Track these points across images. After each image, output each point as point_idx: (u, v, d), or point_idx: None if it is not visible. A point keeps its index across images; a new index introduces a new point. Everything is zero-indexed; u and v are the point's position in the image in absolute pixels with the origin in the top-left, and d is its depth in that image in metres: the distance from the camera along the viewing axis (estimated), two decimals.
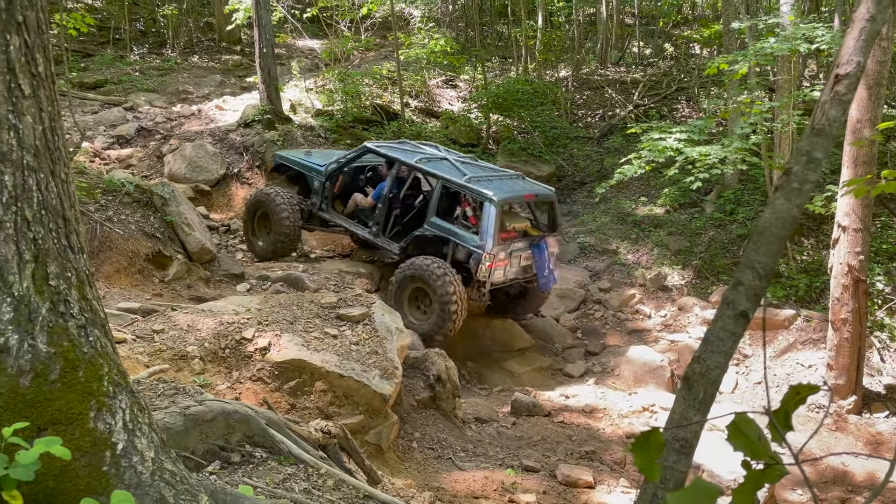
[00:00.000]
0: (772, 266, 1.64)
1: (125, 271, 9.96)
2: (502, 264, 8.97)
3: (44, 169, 1.84)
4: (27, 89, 1.80)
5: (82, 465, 1.80)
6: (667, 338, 10.98)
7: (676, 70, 18.97)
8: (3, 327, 1.74)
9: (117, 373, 1.97)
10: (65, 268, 1.89)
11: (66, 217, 1.90)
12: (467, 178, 9.13)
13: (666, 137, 10.74)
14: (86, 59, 19.62)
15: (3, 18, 1.74)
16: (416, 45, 17.07)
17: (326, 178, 10.43)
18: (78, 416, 1.82)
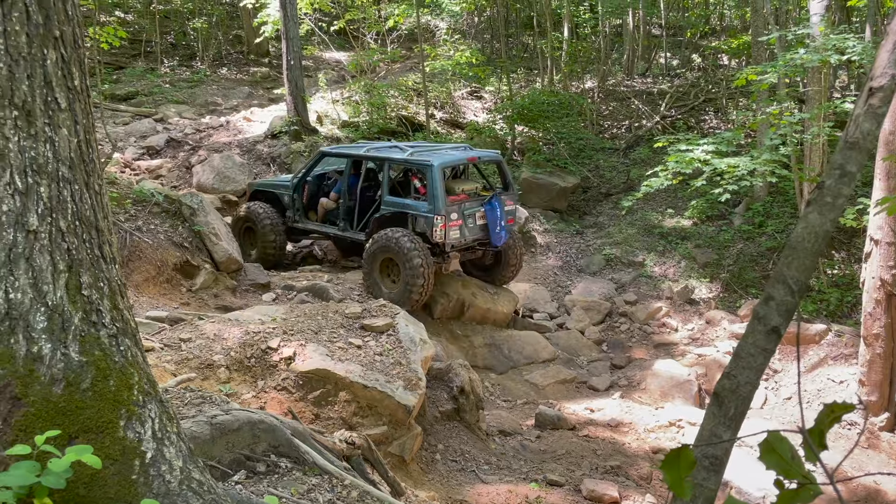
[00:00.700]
0: (804, 281, 1.62)
1: (154, 280, 10.08)
2: (456, 224, 9.44)
3: (78, 180, 1.87)
4: (63, 102, 1.83)
5: (112, 473, 1.81)
6: (694, 352, 10.85)
7: (704, 81, 18.84)
8: (36, 336, 1.77)
9: (147, 382, 1.99)
10: (97, 278, 1.91)
11: (98, 228, 1.93)
12: (409, 153, 9.74)
13: (693, 149, 10.66)
14: (118, 72, 19.97)
15: (40, 33, 1.78)
16: (442, 56, 17.14)
17: (293, 189, 10.93)
18: (108, 425, 1.84)
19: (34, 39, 1.77)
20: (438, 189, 9.20)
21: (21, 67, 1.74)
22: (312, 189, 11.13)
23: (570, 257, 13.71)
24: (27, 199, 1.76)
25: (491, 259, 10.74)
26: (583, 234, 14.40)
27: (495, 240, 9.91)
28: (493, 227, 9.81)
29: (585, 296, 12.45)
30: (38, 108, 1.78)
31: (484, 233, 9.88)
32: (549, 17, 18.17)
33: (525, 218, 13.74)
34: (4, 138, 1.72)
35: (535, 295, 12.39)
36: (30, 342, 1.76)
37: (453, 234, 9.46)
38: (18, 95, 1.74)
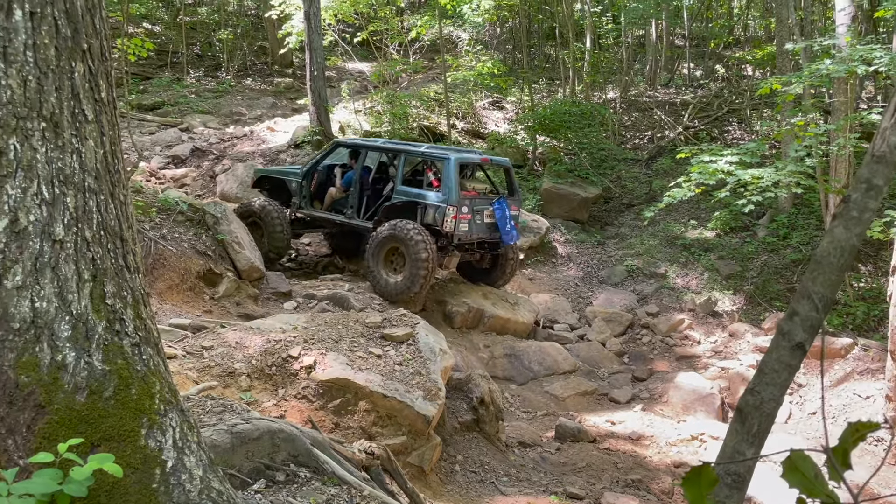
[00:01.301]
0: (830, 296, 1.59)
1: (177, 288, 10.16)
2: (466, 218, 9.68)
3: (104, 191, 1.90)
4: (90, 114, 1.86)
5: (133, 481, 1.83)
6: (717, 365, 10.73)
7: (728, 91, 18.70)
8: (61, 344, 1.79)
9: (168, 391, 2.00)
10: (121, 287, 1.93)
11: (123, 237, 1.96)
12: (425, 147, 10.22)
13: (717, 160, 10.56)
14: (144, 82, 20.27)
15: (69, 46, 1.81)
16: (464, 67, 17.19)
17: (303, 177, 11.13)
18: (130, 434, 1.85)
19: (62, 52, 1.80)
20: (453, 181, 9.46)
21: (49, 80, 1.77)
22: (321, 178, 11.31)
23: (592, 268, 13.64)
24: (54, 209, 1.79)
25: (488, 263, 10.99)
26: (604, 245, 14.32)
27: (506, 238, 10.12)
28: (503, 224, 10.04)
29: (607, 307, 12.37)
30: (66, 120, 1.81)
31: (489, 231, 10.12)
32: (571, 28, 18.16)
33: (546, 228, 13.70)
34: (32, 149, 1.75)
35: (555, 306, 12.33)
36: (54, 350, 1.79)
37: (462, 227, 9.67)
38: (46, 107, 1.77)
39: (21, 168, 1.73)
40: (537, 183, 15.33)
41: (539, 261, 13.51)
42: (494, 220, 10.06)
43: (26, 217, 1.75)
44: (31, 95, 1.73)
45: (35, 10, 1.73)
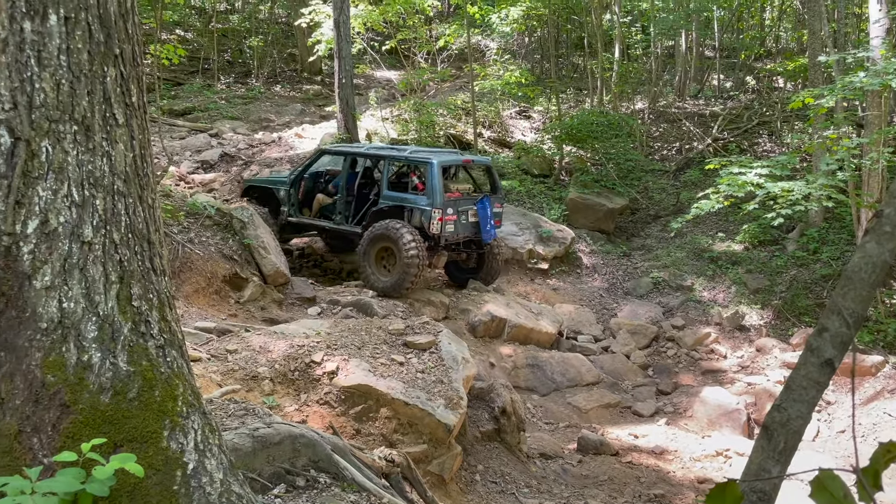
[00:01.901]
0: (861, 313, 1.56)
1: (203, 291, 10.26)
2: (451, 219, 10.03)
3: (132, 194, 1.92)
4: (121, 118, 1.89)
5: (154, 483, 1.84)
6: (743, 380, 10.57)
7: (758, 103, 18.50)
8: (87, 345, 1.81)
9: (191, 393, 2.02)
10: (147, 289, 1.96)
11: (150, 240, 1.98)
12: (408, 152, 10.59)
13: (746, 172, 10.44)
14: (176, 88, 20.55)
15: (101, 51, 1.84)
16: (492, 76, 17.21)
17: (290, 184, 11.38)
18: (152, 435, 1.87)
19: (95, 57, 1.83)
20: (437, 184, 9.78)
21: (82, 84, 1.80)
22: (308, 185, 11.56)
23: (617, 279, 13.54)
24: (83, 211, 1.82)
25: (474, 262, 11.26)
26: (630, 257, 14.21)
27: (486, 237, 10.48)
28: (484, 224, 10.39)
29: (631, 319, 12.26)
30: (97, 124, 1.84)
31: (475, 230, 10.45)
32: (600, 38, 18.11)
33: (571, 238, 13.63)
34: (64, 152, 1.78)
35: (579, 317, 12.25)
36: (80, 351, 1.81)
37: (448, 228, 10.03)
38: (78, 111, 1.80)
39: (52, 170, 1.76)
40: (563, 193, 15.27)
41: (564, 271, 13.44)
42: (477, 219, 10.40)
43: (56, 218, 1.77)
44: (63, 99, 1.76)
45: (69, 15, 1.76)
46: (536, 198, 15.07)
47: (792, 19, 20.49)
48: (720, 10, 18.74)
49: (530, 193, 15.13)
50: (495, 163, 15.73)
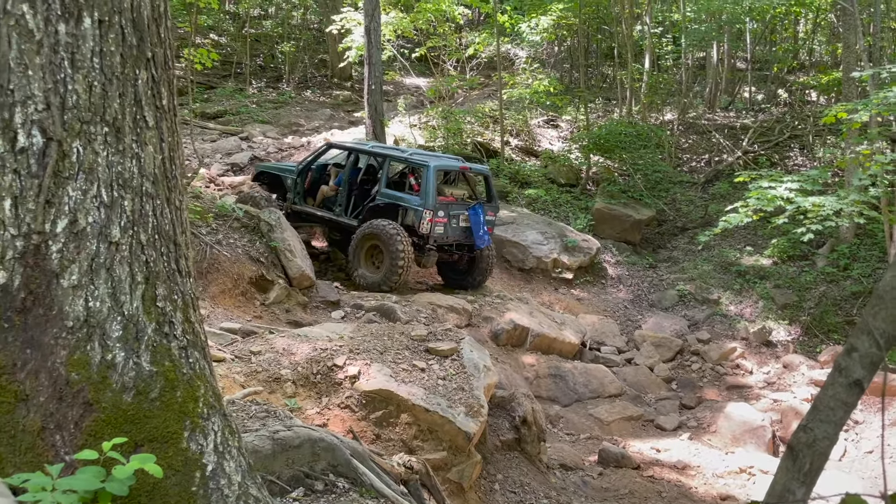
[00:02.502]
0: (892, 333, 1.52)
1: (229, 293, 10.35)
2: (441, 221, 10.43)
3: (160, 196, 1.95)
4: (151, 121, 1.91)
5: (173, 483, 1.85)
6: (769, 396, 10.42)
7: (790, 117, 18.26)
8: (111, 344, 1.83)
9: (213, 395, 2.03)
10: (172, 290, 1.97)
11: (177, 242, 2.00)
12: (409, 153, 10.96)
13: (776, 186, 10.30)
14: (209, 91, 20.81)
15: (134, 54, 1.87)
16: (520, 84, 17.19)
17: (297, 174, 11.83)
18: (173, 435, 1.88)
19: (127, 60, 1.85)
20: (431, 186, 10.19)
21: (114, 86, 1.83)
22: (314, 177, 12.02)
23: (642, 291, 13.43)
24: (112, 211, 1.84)
25: (465, 265, 11.54)
26: (656, 268, 14.08)
27: (478, 242, 10.80)
28: (476, 229, 10.73)
29: (656, 331, 12.14)
30: (128, 126, 1.86)
31: (465, 234, 10.82)
32: (630, 49, 18.01)
33: (597, 249, 13.55)
34: (94, 153, 1.80)
35: (603, 328, 12.16)
36: (105, 350, 1.83)
37: (438, 230, 10.42)
38: (110, 112, 1.82)
39: (83, 171, 1.79)
40: (589, 203, 15.19)
41: (588, 281, 13.36)
42: (468, 224, 10.77)
43: (85, 218, 1.80)
44: (95, 101, 1.79)
45: (104, 19, 1.79)
46: (562, 207, 15.01)
47: (826, 32, 20.23)
48: (753, 21, 18.55)
49: (556, 203, 15.07)
50: (521, 171, 15.73)
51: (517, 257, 13.18)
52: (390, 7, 17.17)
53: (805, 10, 17.68)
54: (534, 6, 17.19)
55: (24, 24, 1.70)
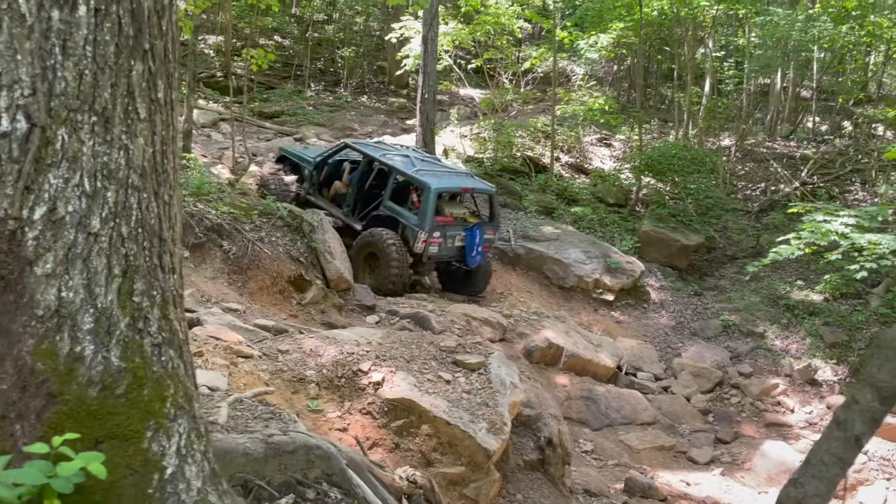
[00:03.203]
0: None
1: (268, 290, 10.46)
2: (436, 242, 10.73)
3: (147, 189, 1.92)
4: (143, 113, 1.89)
5: (129, 483, 1.82)
6: (809, 437, 10.00)
7: (854, 150, 17.64)
8: (81, 336, 1.81)
9: (183, 396, 1.99)
10: (151, 286, 1.95)
11: (162, 237, 1.97)
12: (415, 169, 10.95)
13: (831, 220, 9.92)
14: (268, 91, 21.20)
15: (129, 45, 1.85)
16: (575, 101, 17.02)
17: (314, 167, 12.23)
18: (134, 434, 1.85)
19: (123, 50, 1.84)
20: (429, 209, 10.48)
21: (106, 76, 1.81)
22: (331, 170, 12.32)
23: (685, 318, 13.09)
24: (93, 202, 1.82)
25: (462, 274, 11.78)
26: (701, 296, 13.72)
27: (470, 262, 11.15)
28: (470, 250, 11.02)
29: (696, 361, 11.81)
30: (118, 116, 1.84)
31: (460, 253, 11.11)
32: (690, 71, 17.68)
33: (641, 272, 13.28)
34: (79, 142, 1.79)
35: (641, 353, 11.89)
36: (74, 342, 1.81)
37: (432, 249, 10.76)
38: (99, 102, 1.81)
39: (66, 159, 1.77)
40: (637, 224, 14.90)
41: (629, 304, 13.09)
42: (464, 243, 11.05)
43: (64, 207, 1.78)
44: (85, 89, 1.78)
45: (100, 7, 1.77)
46: (608, 227, 14.77)
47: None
48: (821, 51, 18.01)
49: (602, 222, 14.83)
50: (570, 188, 15.56)
51: (558, 275, 13.01)
52: (450, 18, 17.21)
53: (876, 41, 17.09)
54: (594, 24, 17.03)
55: (16, 8, 1.70)
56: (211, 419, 3.20)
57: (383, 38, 21.79)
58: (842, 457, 1.40)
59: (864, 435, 1.38)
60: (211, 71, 20.36)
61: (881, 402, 1.37)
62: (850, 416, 1.40)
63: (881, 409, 1.37)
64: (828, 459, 1.41)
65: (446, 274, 11.87)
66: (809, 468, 1.41)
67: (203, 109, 17.69)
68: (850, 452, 1.39)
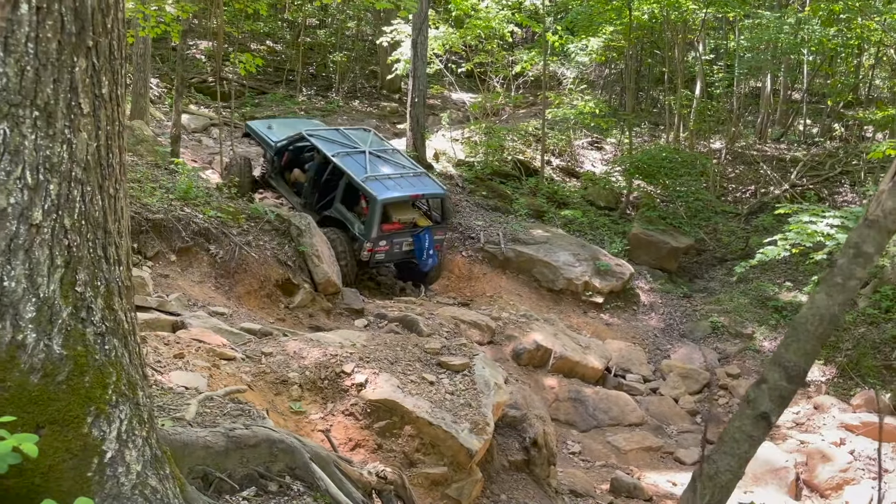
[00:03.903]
0: (804, 367, 1.44)
1: (255, 294, 10.49)
2: (383, 249, 11.12)
3: (91, 182, 1.97)
4: (87, 108, 1.94)
5: (69, 467, 1.86)
6: (796, 437, 10.04)
7: (844, 152, 17.72)
8: (23, 325, 1.86)
9: (126, 383, 2.04)
10: (95, 277, 1.99)
11: (107, 230, 2.02)
12: (365, 176, 11.09)
13: (817, 221, 9.99)
14: (260, 96, 21.25)
15: (72, 42, 1.90)
16: (566, 104, 17.09)
17: (275, 153, 12.53)
18: (74, 420, 1.89)
19: (65, 47, 1.89)
20: (375, 220, 10.78)
21: (48, 72, 1.86)
22: (291, 157, 12.67)
23: (674, 320, 13.14)
24: (35, 194, 1.87)
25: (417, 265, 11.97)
26: (690, 298, 13.78)
27: (422, 265, 11.51)
28: (420, 254, 11.36)
29: (685, 362, 11.85)
30: (61, 111, 1.89)
31: (410, 255, 11.47)
32: (680, 74, 17.76)
33: (630, 274, 13.32)
34: (21, 136, 1.84)
35: (630, 355, 11.93)
36: (16, 330, 1.85)
37: (378, 257, 11.18)
38: (41, 97, 1.86)
39: (8, 152, 1.82)
40: (627, 227, 14.96)
41: (619, 307, 13.13)
42: (412, 248, 11.40)
43: (6, 199, 1.83)
44: (26, 85, 1.82)
45: (41, 6, 1.82)
46: (598, 230, 14.82)
47: (887, 68, 19.63)
48: (811, 54, 18.11)
49: (593, 225, 14.89)
50: (560, 191, 15.60)
51: (547, 277, 13.06)
52: (441, 22, 17.29)
53: (866, 43, 17.18)
54: (584, 27, 17.11)
55: None
56: (178, 415, 3.25)
57: (375, 42, 21.88)
58: (751, 434, 1.44)
59: (773, 412, 1.42)
60: (203, 76, 20.42)
61: (788, 381, 1.41)
62: (759, 395, 1.45)
63: (789, 388, 1.42)
64: (739, 436, 1.46)
65: (399, 265, 12.29)
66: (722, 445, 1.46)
67: (194, 114, 17.75)
68: (759, 430, 1.44)
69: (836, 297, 1.41)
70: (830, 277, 1.44)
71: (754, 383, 1.53)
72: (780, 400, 1.44)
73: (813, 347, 1.44)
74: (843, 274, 1.41)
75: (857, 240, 1.46)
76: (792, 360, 1.43)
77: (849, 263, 1.41)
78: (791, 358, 1.43)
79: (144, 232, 9.17)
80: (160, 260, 9.35)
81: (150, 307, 7.50)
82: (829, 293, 1.42)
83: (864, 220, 1.49)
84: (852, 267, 1.42)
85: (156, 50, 18.30)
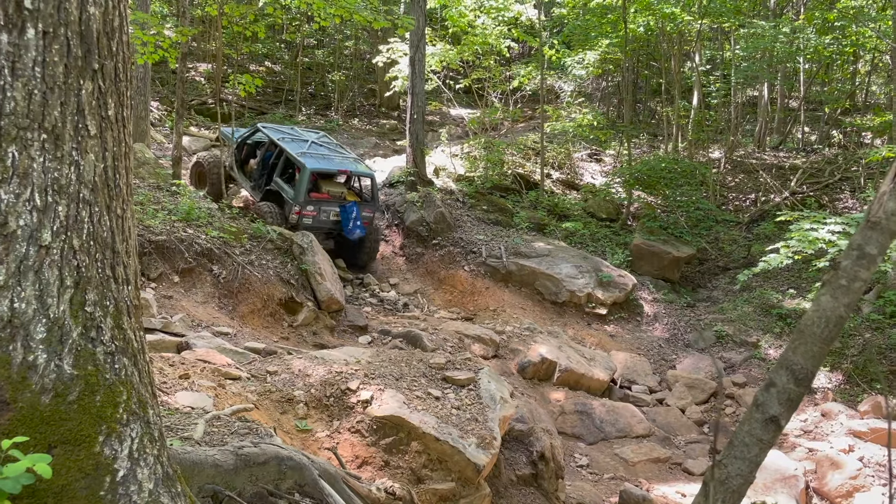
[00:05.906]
0: (811, 370, 1.44)
1: (259, 313, 10.51)
2: (310, 214, 12.17)
3: (99, 203, 1.99)
4: (93, 130, 1.97)
5: (82, 486, 1.87)
6: (805, 445, 9.99)
7: (843, 158, 17.76)
8: (34, 345, 1.87)
9: (136, 402, 2.05)
10: (104, 296, 2.01)
11: (115, 249, 2.04)
12: (300, 151, 12.47)
13: (818, 228, 10.00)
14: (260, 116, 21.35)
15: (79, 65, 1.93)
16: (564, 118, 17.16)
17: (235, 147, 13.74)
18: (86, 439, 1.90)
19: (72, 70, 1.92)
20: (303, 186, 11.97)
21: (55, 95, 1.89)
22: (249, 150, 14.06)
23: (678, 330, 13.12)
24: (44, 216, 1.89)
25: (351, 245, 13.05)
26: (694, 308, 13.76)
27: (348, 234, 12.45)
28: (346, 223, 12.39)
29: (690, 372, 11.82)
30: (68, 133, 1.91)
31: (336, 225, 12.47)
32: (677, 85, 17.85)
33: (633, 285, 13.32)
34: (30, 158, 1.86)
35: (635, 366, 11.91)
36: (27, 351, 1.86)
37: (306, 221, 12.12)
38: (49, 120, 1.88)
39: (17, 175, 1.84)
40: (628, 238, 14.97)
41: (623, 318, 13.12)
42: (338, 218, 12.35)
43: (16, 221, 1.85)
44: (34, 108, 1.85)
45: (48, 30, 1.85)
46: (600, 241, 14.84)
47: (884, 74, 19.72)
48: (808, 62, 18.20)
49: (594, 237, 14.91)
50: (561, 203, 15.64)
51: (550, 290, 13.06)
52: (438, 39, 17.41)
53: (862, 50, 17.27)
54: (581, 41, 17.22)
55: None
56: (186, 435, 3.25)
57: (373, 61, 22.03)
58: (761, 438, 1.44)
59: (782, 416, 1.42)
60: (202, 98, 20.55)
61: (796, 384, 1.42)
62: (767, 398, 1.45)
63: (797, 391, 1.42)
64: (749, 440, 1.46)
65: (337, 245, 13.15)
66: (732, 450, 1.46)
67: (195, 136, 17.84)
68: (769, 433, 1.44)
69: (842, 299, 1.41)
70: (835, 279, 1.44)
71: (762, 387, 1.53)
72: (789, 403, 1.44)
73: (820, 350, 1.44)
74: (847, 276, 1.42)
75: (860, 241, 1.47)
76: (799, 363, 1.43)
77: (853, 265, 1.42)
78: (798, 361, 1.44)
79: (147, 254, 9.20)
80: (163, 281, 9.37)
81: (154, 328, 7.52)
82: (835, 295, 1.43)
83: (866, 221, 1.50)
84: (856, 268, 1.43)
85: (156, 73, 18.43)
